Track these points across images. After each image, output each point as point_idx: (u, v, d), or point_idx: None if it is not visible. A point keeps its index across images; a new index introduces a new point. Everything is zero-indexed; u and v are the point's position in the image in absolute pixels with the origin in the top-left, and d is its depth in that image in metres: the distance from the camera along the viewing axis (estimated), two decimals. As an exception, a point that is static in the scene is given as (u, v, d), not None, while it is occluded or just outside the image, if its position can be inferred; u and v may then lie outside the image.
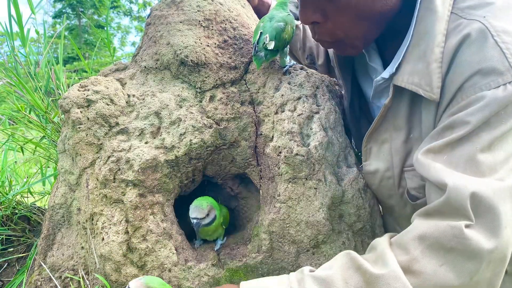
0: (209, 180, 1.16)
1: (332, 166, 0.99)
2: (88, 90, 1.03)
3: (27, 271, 1.19)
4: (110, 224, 0.91)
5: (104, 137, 1.00)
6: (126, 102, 1.06)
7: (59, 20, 16.80)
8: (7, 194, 1.43)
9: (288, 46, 1.10)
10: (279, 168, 0.96)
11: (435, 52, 0.79)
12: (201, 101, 1.07)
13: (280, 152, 0.97)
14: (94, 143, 1.00)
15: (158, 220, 0.93)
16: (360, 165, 1.06)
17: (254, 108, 1.07)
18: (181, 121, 1.01)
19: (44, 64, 1.53)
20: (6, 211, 1.39)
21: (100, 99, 1.02)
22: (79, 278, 0.94)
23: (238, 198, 1.20)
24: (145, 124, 1.01)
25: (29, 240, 1.37)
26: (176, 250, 0.93)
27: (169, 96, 1.05)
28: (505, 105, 0.71)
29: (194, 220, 0.95)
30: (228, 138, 1.03)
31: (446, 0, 0.83)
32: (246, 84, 1.11)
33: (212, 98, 1.07)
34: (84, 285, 0.92)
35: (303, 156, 0.94)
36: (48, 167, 1.62)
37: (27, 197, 1.55)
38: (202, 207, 0.97)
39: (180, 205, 1.05)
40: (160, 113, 1.03)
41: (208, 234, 1.03)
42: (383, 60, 1.03)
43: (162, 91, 1.07)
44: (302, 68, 1.12)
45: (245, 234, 1.05)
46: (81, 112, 1.01)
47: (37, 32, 1.73)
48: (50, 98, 1.49)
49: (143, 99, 1.06)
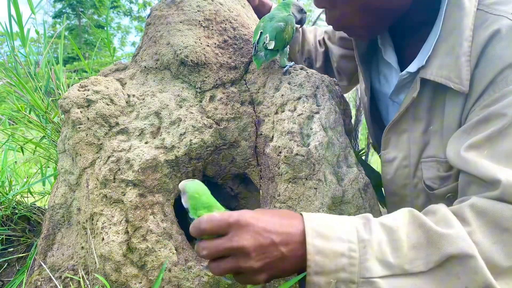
0: (209, 180, 1.16)
1: (332, 166, 0.99)
2: (88, 90, 1.03)
3: (27, 271, 1.19)
4: (110, 224, 0.91)
5: (104, 137, 1.00)
6: (126, 102, 1.06)
7: (59, 20, 16.81)
8: (7, 194, 1.43)
9: (288, 46, 1.11)
10: (279, 168, 0.96)
11: (464, 46, 0.82)
12: (201, 101, 1.07)
13: (280, 152, 0.97)
14: (94, 143, 1.00)
15: (158, 220, 0.93)
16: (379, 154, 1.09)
17: (254, 108, 1.07)
18: (181, 121, 1.01)
19: (44, 64, 1.53)
20: (6, 211, 1.39)
21: (100, 99, 1.02)
22: (79, 278, 0.94)
23: (238, 198, 1.20)
24: (145, 124, 1.01)
25: (29, 240, 1.37)
26: (176, 250, 0.93)
27: (169, 96, 1.05)
28: None
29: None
30: (228, 138, 1.03)
31: None
32: (246, 84, 1.11)
33: (212, 98, 1.07)
34: (84, 285, 0.92)
35: (303, 156, 0.94)
36: (48, 167, 1.62)
37: (27, 197, 1.55)
38: None
39: (180, 205, 1.05)
40: (160, 113, 1.03)
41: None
42: (398, 57, 1.06)
43: (162, 91, 1.07)
44: (302, 68, 1.12)
45: (245, 234, 1.05)
46: (81, 112, 1.01)
47: (37, 32, 1.73)
48: (50, 98, 1.49)
49: (143, 99, 1.06)
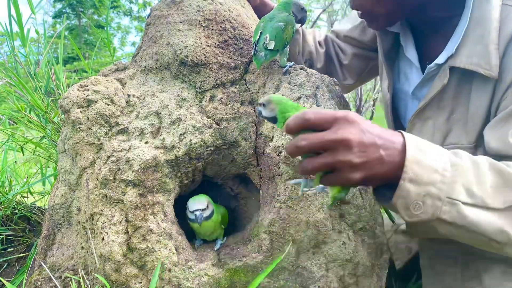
0: (209, 180, 1.16)
1: (332, 166, 0.99)
2: (88, 90, 1.03)
3: (27, 271, 1.20)
4: (110, 224, 0.91)
5: (104, 137, 1.00)
6: (126, 102, 1.06)
7: (59, 20, 16.81)
8: (7, 194, 1.43)
9: (288, 46, 1.11)
10: (279, 168, 0.96)
11: (492, 35, 0.90)
12: (201, 101, 1.07)
13: (280, 152, 0.97)
14: (94, 143, 1.00)
15: (158, 220, 0.93)
16: None
17: (254, 108, 1.07)
18: (181, 121, 1.01)
19: (44, 64, 1.53)
20: (6, 211, 1.39)
21: (100, 99, 1.02)
22: (79, 278, 0.94)
23: (238, 198, 1.20)
24: (145, 124, 1.01)
25: (29, 240, 1.37)
26: (176, 250, 0.93)
27: (169, 96, 1.05)
28: None
29: (197, 212, 0.95)
30: (228, 138, 1.03)
31: None
32: (246, 84, 1.11)
33: (212, 98, 1.07)
34: (84, 285, 0.92)
35: (303, 156, 0.94)
36: (48, 167, 1.63)
37: (27, 197, 1.55)
38: (201, 200, 0.97)
39: (180, 205, 1.05)
40: (160, 113, 1.03)
41: (207, 234, 1.03)
42: (418, 55, 1.14)
43: (162, 91, 1.07)
44: (302, 68, 1.12)
45: (245, 234, 1.05)
46: (81, 112, 1.01)
47: (37, 32, 1.74)
48: (50, 98, 1.49)
49: (143, 99, 1.06)
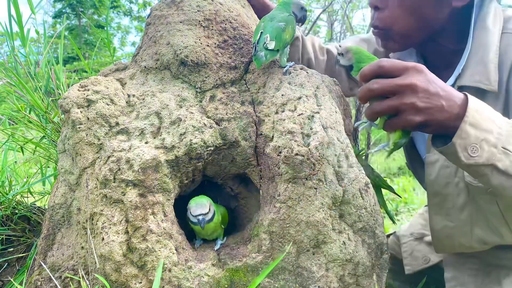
0: (209, 180, 1.16)
1: (333, 166, 0.99)
2: (88, 90, 1.03)
3: (27, 271, 1.20)
4: (110, 224, 0.91)
5: (104, 137, 1.00)
6: (126, 102, 1.06)
7: (59, 20, 16.81)
8: (7, 194, 1.43)
9: (289, 47, 1.11)
10: (279, 168, 0.96)
11: (491, 57, 1.04)
12: (201, 101, 1.07)
13: (280, 152, 0.97)
14: (94, 143, 1.00)
15: (158, 220, 0.93)
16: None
17: (254, 108, 1.07)
18: (181, 121, 1.01)
19: (44, 64, 1.53)
20: (6, 211, 1.39)
21: (100, 99, 1.02)
22: (79, 278, 0.94)
23: (238, 198, 1.20)
24: (145, 124, 1.01)
25: (29, 240, 1.37)
26: (176, 250, 0.93)
27: (169, 96, 1.05)
28: None
29: (200, 217, 0.95)
30: (228, 138, 1.03)
31: (496, 21, 1.09)
32: (246, 84, 1.11)
33: (212, 98, 1.07)
34: (84, 285, 0.92)
35: (303, 156, 0.94)
36: (48, 167, 1.62)
37: (27, 197, 1.55)
38: (204, 203, 0.97)
39: (180, 205, 1.05)
40: (160, 113, 1.03)
41: (208, 234, 1.03)
42: None
43: (162, 91, 1.07)
44: (302, 68, 1.12)
45: (245, 234, 1.05)
46: (81, 112, 1.01)
47: (37, 32, 1.74)
48: (50, 98, 1.48)
49: (143, 99, 1.06)
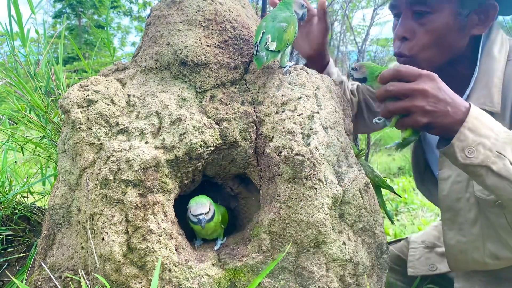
0: (209, 180, 1.16)
1: (333, 166, 0.99)
2: (88, 90, 1.03)
3: (27, 271, 1.20)
4: (110, 224, 0.91)
5: (104, 137, 1.00)
6: (126, 102, 1.06)
7: (59, 20, 16.79)
8: (7, 194, 1.43)
9: (289, 47, 1.10)
10: (279, 168, 0.96)
11: (495, 81, 1.13)
12: (201, 101, 1.07)
13: (280, 152, 0.97)
14: (94, 143, 1.00)
15: (159, 220, 0.93)
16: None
17: (254, 108, 1.07)
18: (181, 121, 1.01)
19: (44, 64, 1.53)
20: (6, 211, 1.39)
21: (100, 99, 1.02)
22: (79, 278, 0.94)
23: (238, 198, 1.20)
24: (145, 124, 1.01)
25: (29, 240, 1.37)
26: (177, 250, 0.93)
27: (169, 96, 1.05)
28: None
29: (201, 216, 0.95)
30: (228, 138, 1.03)
31: (502, 50, 1.16)
32: (246, 84, 1.11)
33: (212, 98, 1.07)
34: (84, 285, 0.92)
35: (303, 156, 0.94)
36: (48, 167, 1.62)
37: (27, 197, 1.55)
38: (204, 203, 0.97)
39: (180, 205, 1.05)
40: (160, 113, 1.03)
41: (208, 234, 1.03)
42: None
43: (162, 91, 1.07)
44: (303, 68, 1.12)
45: (245, 234, 1.05)
46: (81, 112, 1.01)
47: (37, 32, 1.73)
48: (50, 98, 1.48)
49: (143, 99, 1.06)
